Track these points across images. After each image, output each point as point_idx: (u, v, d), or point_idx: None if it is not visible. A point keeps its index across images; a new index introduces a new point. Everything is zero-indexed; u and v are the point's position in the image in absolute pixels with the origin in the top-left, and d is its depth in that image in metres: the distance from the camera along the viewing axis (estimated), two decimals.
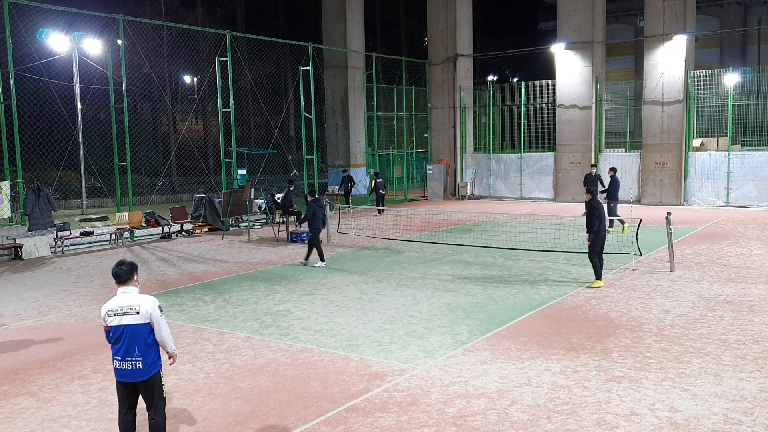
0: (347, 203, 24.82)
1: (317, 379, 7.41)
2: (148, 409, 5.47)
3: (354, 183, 25.89)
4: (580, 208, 23.98)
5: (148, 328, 5.29)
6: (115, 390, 5.55)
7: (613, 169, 18.74)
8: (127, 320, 5.21)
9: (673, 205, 23.59)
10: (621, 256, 14.19)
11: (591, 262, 11.84)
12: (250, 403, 6.80)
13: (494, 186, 29.45)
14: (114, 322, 5.23)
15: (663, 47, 24.35)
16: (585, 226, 11.86)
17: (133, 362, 5.26)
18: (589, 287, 11.62)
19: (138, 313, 5.22)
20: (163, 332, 5.36)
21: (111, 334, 5.29)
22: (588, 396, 6.75)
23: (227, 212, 19.83)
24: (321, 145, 33.07)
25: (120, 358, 5.27)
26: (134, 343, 5.23)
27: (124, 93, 18.76)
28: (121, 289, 5.32)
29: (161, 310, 5.39)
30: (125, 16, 18.83)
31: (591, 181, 20.97)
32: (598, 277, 11.79)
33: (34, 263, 15.65)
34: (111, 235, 18.53)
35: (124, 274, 5.32)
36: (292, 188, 18.88)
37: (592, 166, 21.49)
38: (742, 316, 9.58)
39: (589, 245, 11.66)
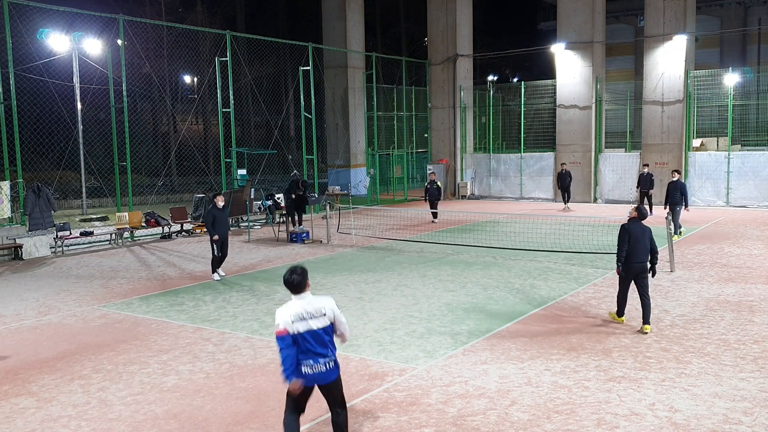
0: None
1: None
2: (333, 407, 5.51)
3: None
4: (581, 208, 24.07)
5: (332, 327, 5.42)
6: (115, 390, 5.54)
7: (677, 172, 17.30)
8: (316, 324, 5.29)
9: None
10: None
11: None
12: (250, 403, 6.80)
13: (494, 186, 29.46)
14: (302, 327, 5.26)
15: (663, 47, 24.35)
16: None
17: (327, 362, 5.31)
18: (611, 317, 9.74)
19: (325, 314, 5.35)
20: (344, 325, 5.50)
21: (297, 339, 5.26)
22: (588, 396, 6.75)
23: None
24: (321, 145, 33.06)
25: (312, 362, 5.27)
26: (325, 343, 5.32)
27: (124, 93, 18.76)
28: (296, 297, 5.41)
29: (337, 307, 5.53)
30: (125, 16, 18.83)
31: (644, 183, 20.96)
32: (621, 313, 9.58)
33: (34, 263, 15.65)
34: (111, 235, 18.53)
35: (298, 283, 5.43)
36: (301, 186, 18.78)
37: (644, 165, 21.42)
38: (742, 316, 9.57)
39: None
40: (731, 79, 25.19)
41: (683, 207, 16.32)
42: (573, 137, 26.60)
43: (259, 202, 21.80)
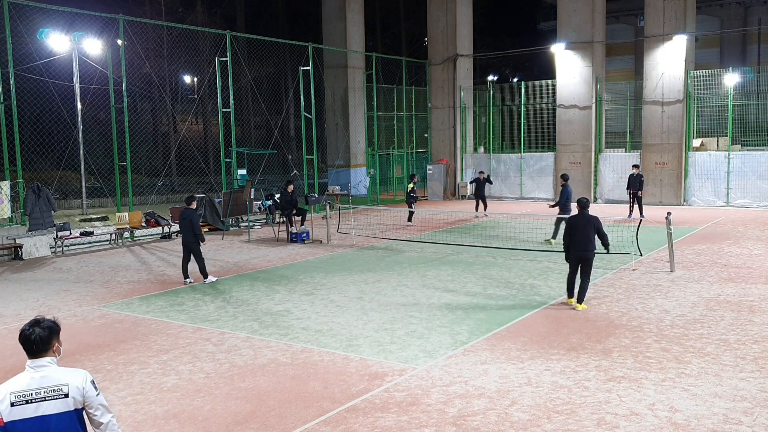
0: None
1: (317, 379, 7.41)
2: None
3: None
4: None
5: (77, 416, 3.66)
6: (115, 390, 5.51)
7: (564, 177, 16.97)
8: (46, 408, 3.56)
9: (673, 205, 23.59)
10: (621, 256, 14.18)
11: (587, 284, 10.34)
12: (250, 403, 6.80)
13: (494, 186, 29.43)
14: (25, 412, 3.54)
15: (663, 47, 24.35)
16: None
17: None
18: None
19: (67, 395, 3.60)
20: (106, 414, 3.70)
21: None
22: (588, 396, 6.75)
23: (227, 212, 19.83)
24: (321, 145, 33.07)
25: None
26: None
27: (124, 93, 18.76)
28: (30, 364, 3.67)
29: (96, 387, 3.73)
30: (125, 16, 18.83)
31: (633, 184, 20.96)
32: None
33: (34, 263, 15.65)
34: (111, 235, 18.53)
35: (38, 341, 3.67)
36: (290, 189, 18.50)
37: (634, 166, 21.41)
38: (742, 316, 9.57)
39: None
40: (731, 79, 25.19)
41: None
42: (573, 137, 26.61)
43: (259, 202, 21.81)
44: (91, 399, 3.64)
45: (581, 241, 10.13)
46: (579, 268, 10.30)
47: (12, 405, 3.51)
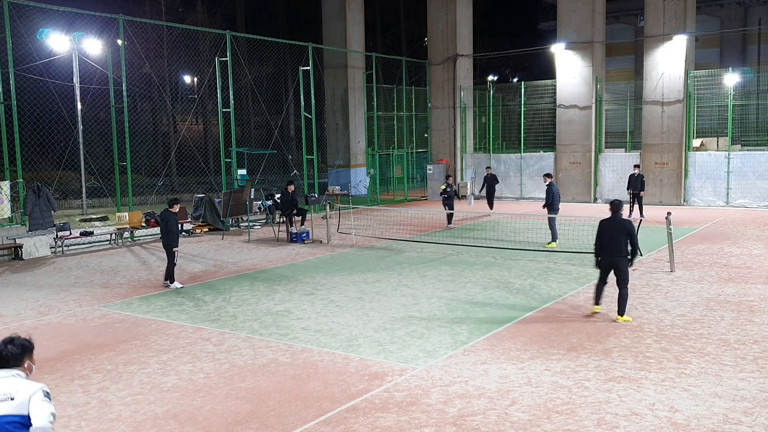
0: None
1: (317, 379, 7.41)
2: None
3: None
4: (581, 208, 24.06)
5: (22, 422, 3.72)
6: (115, 390, 5.49)
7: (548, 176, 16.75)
8: None
9: (673, 205, 23.59)
10: None
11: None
12: (250, 403, 6.80)
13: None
14: None
15: (663, 47, 24.35)
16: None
17: None
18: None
19: (13, 399, 3.72)
20: (44, 420, 3.72)
21: None
22: (588, 396, 6.75)
23: (227, 212, 19.83)
24: (321, 145, 33.07)
25: None
26: None
27: (124, 93, 18.76)
28: (1, 373, 3.84)
29: (47, 397, 3.83)
30: (125, 16, 18.83)
31: (634, 184, 20.92)
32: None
33: (34, 263, 15.65)
34: (111, 235, 18.53)
35: (8, 357, 3.91)
36: (291, 189, 18.48)
37: (635, 166, 21.39)
38: (742, 316, 9.57)
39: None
40: (731, 79, 25.18)
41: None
42: (573, 137, 26.61)
43: (259, 202, 21.80)
44: (35, 404, 3.74)
45: (610, 246, 9.45)
46: (609, 275, 9.62)
47: None
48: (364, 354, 8.23)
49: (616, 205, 9.71)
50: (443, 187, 20.31)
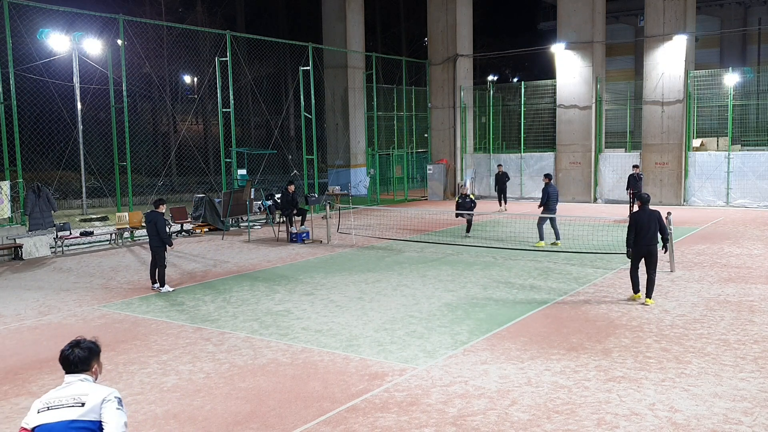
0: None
1: (317, 379, 7.41)
2: None
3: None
4: (581, 208, 24.07)
5: (93, 428, 3.62)
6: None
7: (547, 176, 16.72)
8: (61, 415, 3.56)
9: (673, 205, 23.58)
10: (621, 256, 14.16)
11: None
12: (250, 403, 6.80)
13: (494, 186, 29.43)
14: (45, 418, 3.56)
15: (663, 47, 24.35)
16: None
17: None
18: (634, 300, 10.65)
19: (83, 404, 3.60)
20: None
21: None
22: (588, 396, 6.75)
23: (227, 212, 19.83)
24: (321, 145, 33.07)
25: None
26: None
27: (124, 93, 18.76)
28: (66, 378, 3.78)
29: (121, 404, 3.76)
30: (125, 16, 18.83)
31: (634, 184, 20.94)
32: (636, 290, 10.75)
33: (34, 263, 15.65)
34: (111, 235, 18.53)
35: (77, 362, 3.78)
36: (291, 189, 18.45)
37: (634, 166, 21.40)
38: (742, 316, 9.57)
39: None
40: (731, 79, 25.19)
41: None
42: (573, 137, 26.61)
43: (259, 202, 21.80)
44: (109, 411, 3.64)
45: (646, 235, 10.31)
46: (642, 262, 10.45)
47: (38, 412, 3.61)
48: (364, 354, 8.22)
49: (646, 199, 10.54)
50: (458, 200, 19.26)
